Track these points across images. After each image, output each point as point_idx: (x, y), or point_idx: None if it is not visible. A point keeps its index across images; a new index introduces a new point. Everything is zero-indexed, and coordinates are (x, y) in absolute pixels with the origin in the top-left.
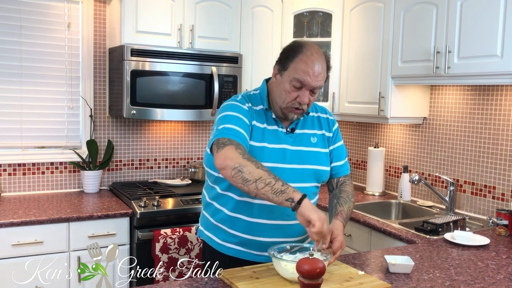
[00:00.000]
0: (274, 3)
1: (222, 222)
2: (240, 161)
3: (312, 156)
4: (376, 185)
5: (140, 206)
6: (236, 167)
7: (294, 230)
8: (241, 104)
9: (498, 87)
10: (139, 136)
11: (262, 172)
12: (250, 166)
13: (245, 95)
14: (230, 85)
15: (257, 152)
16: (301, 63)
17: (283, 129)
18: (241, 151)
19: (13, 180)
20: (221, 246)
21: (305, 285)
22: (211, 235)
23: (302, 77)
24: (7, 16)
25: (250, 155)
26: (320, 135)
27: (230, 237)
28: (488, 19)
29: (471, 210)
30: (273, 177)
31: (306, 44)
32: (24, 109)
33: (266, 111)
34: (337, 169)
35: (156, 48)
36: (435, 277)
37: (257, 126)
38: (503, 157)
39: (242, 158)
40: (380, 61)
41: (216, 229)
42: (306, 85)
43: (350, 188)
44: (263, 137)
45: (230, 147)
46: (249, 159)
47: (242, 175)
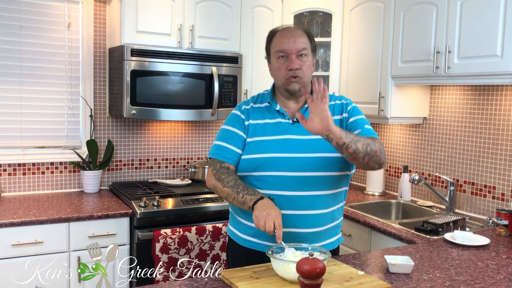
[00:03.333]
0: (274, 3)
1: (239, 213)
2: (213, 183)
3: (321, 144)
4: (376, 185)
5: (140, 206)
6: (212, 188)
7: (307, 221)
8: (237, 110)
9: (498, 87)
10: (139, 136)
11: (228, 189)
12: (219, 186)
13: (256, 95)
14: (230, 85)
15: (259, 145)
16: (277, 39)
17: (289, 120)
18: (215, 171)
19: (13, 180)
20: (240, 239)
21: (305, 285)
22: (233, 228)
23: (280, 46)
24: (7, 16)
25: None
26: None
27: (246, 228)
28: (488, 19)
29: (471, 210)
30: (236, 191)
31: (280, 27)
32: (24, 109)
33: (269, 106)
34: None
35: (156, 48)
36: (435, 277)
37: (255, 124)
38: (503, 157)
39: (214, 179)
40: (380, 61)
41: (237, 223)
42: (288, 50)
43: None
44: (264, 131)
45: (209, 169)
46: (219, 179)
47: (218, 193)
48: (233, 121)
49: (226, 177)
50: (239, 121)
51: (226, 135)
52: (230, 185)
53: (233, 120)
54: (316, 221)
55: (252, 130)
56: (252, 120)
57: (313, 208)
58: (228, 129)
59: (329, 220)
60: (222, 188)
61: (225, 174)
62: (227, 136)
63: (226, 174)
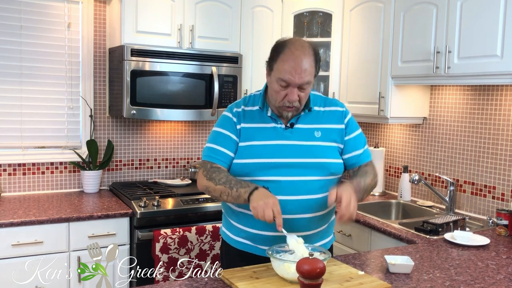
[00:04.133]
0: (274, 3)
1: (231, 217)
2: (204, 183)
3: (315, 150)
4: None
5: (140, 206)
6: (205, 189)
7: (299, 224)
8: (229, 112)
9: (498, 87)
10: (139, 136)
11: (220, 187)
12: (211, 185)
13: (247, 96)
14: (230, 85)
15: (252, 150)
16: (283, 63)
17: (282, 125)
18: (206, 172)
19: (13, 180)
20: (234, 241)
21: (305, 285)
22: (226, 230)
23: (285, 76)
24: (7, 16)
25: (212, 173)
26: (323, 129)
27: (239, 231)
28: (488, 19)
29: (471, 210)
30: (229, 186)
31: (288, 42)
32: (24, 109)
33: (260, 110)
34: (356, 158)
35: (156, 48)
36: (435, 277)
37: (247, 127)
38: (503, 157)
39: (205, 179)
40: (380, 61)
41: (229, 225)
42: (291, 83)
43: (371, 169)
44: (259, 135)
45: (200, 171)
46: (210, 178)
47: (211, 193)
48: (225, 123)
49: (217, 175)
50: (231, 124)
51: (218, 137)
52: (222, 182)
53: (225, 123)
54: (309, 224)
55: (244, 134)
56: (244, 124)
57: (307, 212)
58: (220, 132)
59: (322, 223)
60: (214, 187)
61: (215, 173)
62: (219, 138)
63: (217, 173)
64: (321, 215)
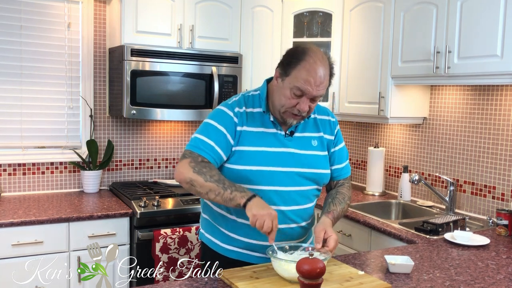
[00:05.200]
0: (274, 3)
1: (221, 224)
2: (190, 176)
3: (312, 159)
4: (376, 185)
5: (140, 206)
6: (188, 182)
7: (296, 233)
8: (229, 109)
9: (498, 87)
10: (139, 136)
11: (211, 184)
12: (200, 180)
13: (245, 95)
14: (230, 85)
15: (253, 156)
16: (304, 72)
17: (282, 131)
18: (194, 164)
19: (13, 180)
20: (223, 249)
21: (305, 285)
22: (212, 237)
23: (303, 86)
24: (7, 16)
25: (203, 168)
26: (319, 138)
27: (231, 240)
28: (488, 19)
29: (471, 210)
30: (222, 187)
31: (310, 51)
32: (24, 109)
33: (263, 113)
34: (338, 172)
35: (156, 48)
36: (435, 277)
37: (248, 131)
38: (503, 157)
39: (192, 172)
40: (380, 61)
41: (217, 232)
42: (307, 94)
43: (347, 191)
44: (260, 140)
45: (186, 160)
46: (200, 173)
47: (194, 188)
48: (222, 119)
49: (208, 170)
50: (231, 123)
51: (211, 131)
52: (214, 179)
53: (222, 118)
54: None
55: (244, 137)
56: (246, 127)
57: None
58: (214, 125)
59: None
60: (203, 182)
61: (206, 168)
62: (213, 133)
63: (208, 168)
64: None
